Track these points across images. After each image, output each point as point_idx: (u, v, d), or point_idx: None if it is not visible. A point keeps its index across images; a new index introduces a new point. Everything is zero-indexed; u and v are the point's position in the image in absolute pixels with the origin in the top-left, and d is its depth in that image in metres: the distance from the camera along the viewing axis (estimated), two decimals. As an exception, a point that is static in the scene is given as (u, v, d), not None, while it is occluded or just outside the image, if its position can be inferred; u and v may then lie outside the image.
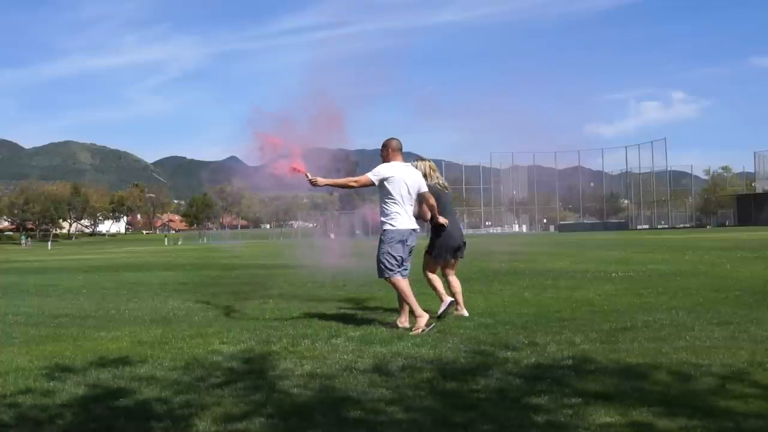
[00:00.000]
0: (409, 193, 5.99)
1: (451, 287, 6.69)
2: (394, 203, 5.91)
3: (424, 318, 5.68)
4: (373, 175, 5.95)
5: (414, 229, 6.02)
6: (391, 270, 5.85)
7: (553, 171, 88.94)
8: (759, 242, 22.12)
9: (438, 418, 3.23)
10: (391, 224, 5.91)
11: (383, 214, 5.98)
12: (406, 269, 5.98)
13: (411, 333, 5.55)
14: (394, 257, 5.86)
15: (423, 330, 5.58)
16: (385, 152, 6.12)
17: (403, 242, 5.91)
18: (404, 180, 5.96)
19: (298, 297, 8.72)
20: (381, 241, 5.95)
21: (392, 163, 6.04)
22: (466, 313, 6.54)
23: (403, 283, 5.87)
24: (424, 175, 6.65)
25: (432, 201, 6.32)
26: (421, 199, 6.21)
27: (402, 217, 5.92)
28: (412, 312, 5.84)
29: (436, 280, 6.61)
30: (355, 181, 6.08)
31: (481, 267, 13.29)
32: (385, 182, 5.90)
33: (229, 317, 7.02)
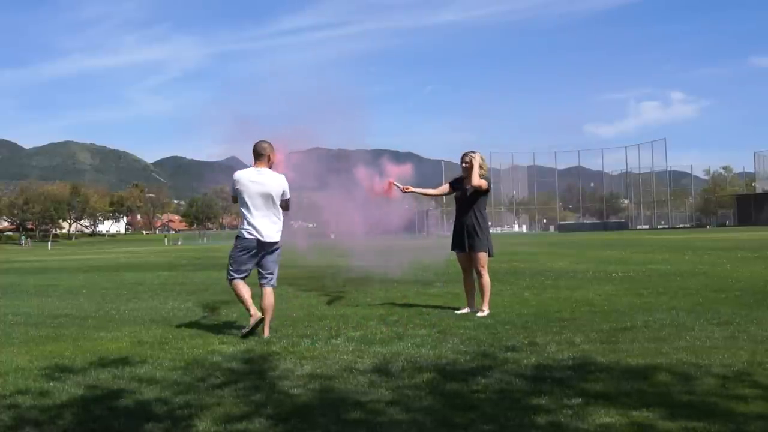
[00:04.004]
0: (263, 201, 5.71)
1: (469, 284, 7.07)
2: (245, 210, 5.72)
3: (254, 318, 5.56)
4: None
5: (261, 241, 5.69)
6: (230, 275, 5.77)
7: (553, 171, 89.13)
8: (759, 242, 22.13)
9: (438, 418, 3.23)
10: (240, 233, 5.76)
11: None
12: (251, 275, 5.85)
13: (243, 331, 5.57)
14: (231, 264, 5.77)
15: (245, 328, 5.55)
16: (272, 156, 5.85)
17: (246, 250, 5.71)
18: (251, 187, 5.68)
19: (298, 297, 8.71)
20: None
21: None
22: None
23: (238, 287, 5.73)
24: (481, 167, 6.76)
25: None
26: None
27: (248, 227, 5.69)
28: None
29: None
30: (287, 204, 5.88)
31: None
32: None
33: (229, 317, 7.01)
